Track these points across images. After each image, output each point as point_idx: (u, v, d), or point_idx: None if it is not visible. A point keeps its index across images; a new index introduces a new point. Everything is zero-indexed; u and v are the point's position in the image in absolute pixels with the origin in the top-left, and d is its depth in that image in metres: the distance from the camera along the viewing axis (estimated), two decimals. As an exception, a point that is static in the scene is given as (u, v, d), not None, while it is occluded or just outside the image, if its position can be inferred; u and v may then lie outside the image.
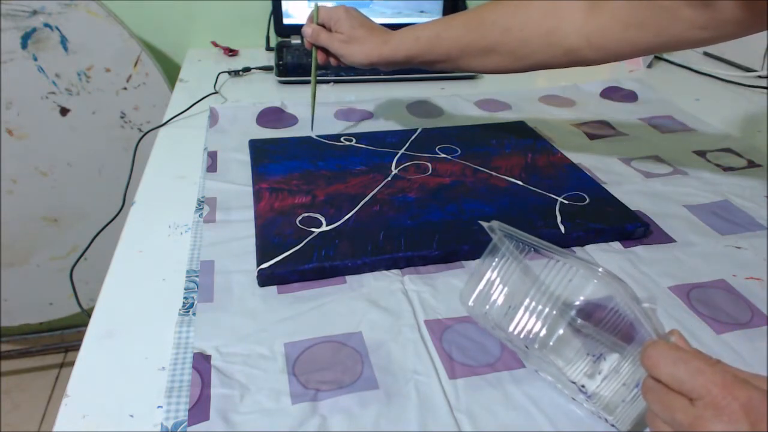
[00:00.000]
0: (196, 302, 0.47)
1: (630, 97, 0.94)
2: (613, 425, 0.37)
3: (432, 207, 0.59)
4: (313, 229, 0.54)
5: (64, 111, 1.04)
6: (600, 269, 0.37)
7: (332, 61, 0.71)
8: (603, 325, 0.38)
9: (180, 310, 0.47)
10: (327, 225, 0.55)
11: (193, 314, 0.46)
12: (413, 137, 0.74)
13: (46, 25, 0.97)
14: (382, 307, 0.47)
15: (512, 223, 0.56)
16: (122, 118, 1.07)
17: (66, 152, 1.08)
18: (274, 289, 0.49)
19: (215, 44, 1.13)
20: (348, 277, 0.51)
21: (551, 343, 0.39)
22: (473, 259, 0.53)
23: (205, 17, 1.13)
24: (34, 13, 0.96)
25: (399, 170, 0.66)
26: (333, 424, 0.37)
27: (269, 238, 0.53)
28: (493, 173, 0.66)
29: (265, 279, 0.49)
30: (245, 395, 0.39)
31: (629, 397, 0.36)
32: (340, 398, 0.39)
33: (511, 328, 0.39)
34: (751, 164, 0.73)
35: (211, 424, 0.37)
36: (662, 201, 0.63)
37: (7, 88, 1.00)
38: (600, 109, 0.90)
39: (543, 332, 0.38)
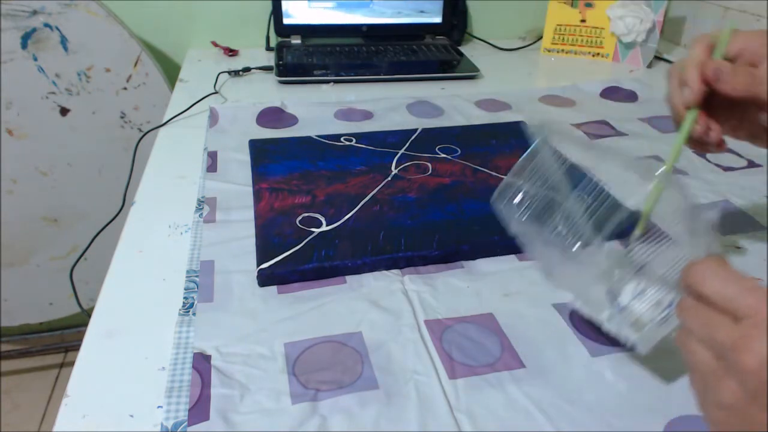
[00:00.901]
0: (196, 302, 0.47)
1: (630, 97, 0.94)
2: (632, 347, 0.36)
3: (432, 207, 0.59)
4: (313, 229, 0.54)
5: (64, 111, 1.04)
6: (660, 170, 0.33)
7: (723, 131, 0.43)
8: (651, 234, 0.35)
9: (180, 310, 0.47)
10: (327, 225, 0.55)
11: (193, 314, 0.46)
12: (413, 137, 0.74)
13: (46, 25, 0.97)
14: (382, 307, 0.47)
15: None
16: (122, 118, 1.07)
17: (66, 152, 1.08)
18: (274, 289, 0.49)
19: (215, 44, 1.13)
20: (348, 277, 0.51)
21: (595, 246, 0.35)
22: (473, 259, 0.53)
23: (205, 17, 1.14)
24: (34, 13, 0.96)
25: (399, 170, 0.66)
26: (333, 424, 0.37)
27: (269, 238, 0.53)
28: (493, 173, 0.66)
29: (265, 279, 0.49)
30: (245, 395, 0.39)
31: (659, 318, 0.34)
32: (340, 398, 0.39)
33: (549, 230, 0.36)
34: (751, 164, 0.73)
35: (211, 424, 0.37)
36: (662, 201, 0.63)
37: (7, 88, 1.00)
38: (600, 109, 0.90)
39: (585, 234, 0.35)
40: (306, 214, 0.57)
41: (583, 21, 1.13)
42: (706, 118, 0.41)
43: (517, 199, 0.39)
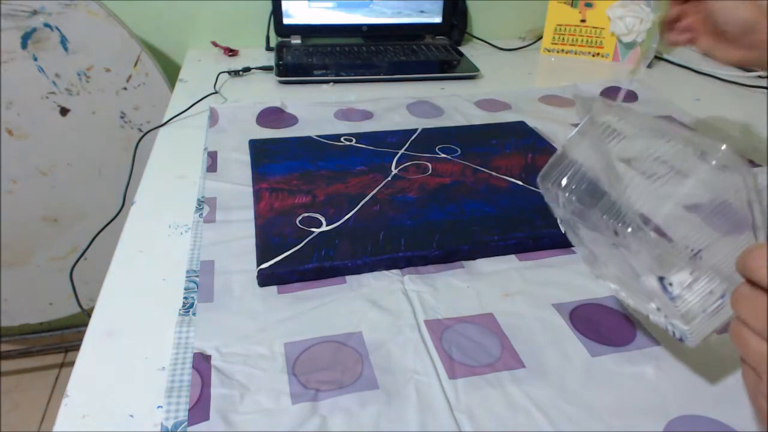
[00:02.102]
0: (196, 302, 0.47)
1: (630, 97, 0.94)
2: (681, 338, 0.35)
3: (432, 207, 0.59)
4: (313, 229, 0.54)
5: (64, 111, 1.04)
6: (723, 147, 0.31)
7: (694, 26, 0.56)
8: (710, 214, 0.33)
9: (180, 310, 0.47)
10: (327, 225, 0.55)
11: (193, 314, 0.46)
12: (413, 137, 0.74)
13: (46, 25, 0.97)
14: (382, 307, 0.47)
15: (512, 224, 0.56)
16: (122, 118, 1.07)
17: (66, 152, 1.08)
18: (274, 289, 0.49)
19: (215, 44, 1.13)
20: (348, 277, 0.51)
21: (653, 230, 0.33)
22: (473, 259, 0.53)
23: (205, 17, 1.14)
24: (34, 13, 0.96)
25: (399, 170, 0.66)
26: (333, 424, 0.37)
27: (269, 238, 0.53)
28: (493, 173, 0.66)
29: (265, 279, 0.49)
30: (245, 395, 0.39)
31: (711, 308, 0.33)
32: (340, 398, 0.39)
33: (599, 212, 0.34)
34: (752, 164, 0.73)
35: (211, 424, 0.37)
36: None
37: (7, 88, 1.00)
38: (600, 109, 0.90)
39: (635, 220, 0.33)
40: (306, 214, 0.57)
41: (583, 21, 1.13)
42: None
43: (563, 181, 0.38)
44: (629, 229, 0.33)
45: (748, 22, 0.54)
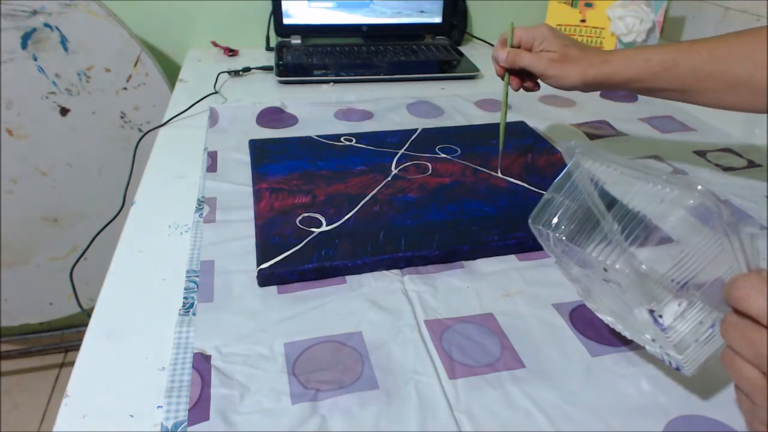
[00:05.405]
0: (196, 302, 0.47)
1: (630, 97, 0.94)
2: (677, 368, 0.36)
3: (432, 207, 0.59)
4: (313, 229, 0.54)
5: (64, 111, 1.04)
6: (699, 187, 0.32)
7: (528, 85, 0.65)
8: (692, 250, 0.34)
9: (180, 310, 0.47)
10: (327, 225, 0.55)
11: (193, 314, 0.46)
12: (413, 137, 0.74)
13: (46, 25, 0.97)
14: (382, 307, 0.47)
15: (513, 224, 0.56)
16: (122, 118, 1.07)
17: (66, 152, 1.08)
18: (274, 289, 0.49)
19: (215, 44, 1.13)
20: (348, 277, 0.51)
21: (642, 267, 0.35)
22: (473, 259, 0.53)
23: (205, 17, 1.14)
24: (34, 13, 0.96)
25: (399, 170, 0.66)
26: (333, 424, 0.37)
27: (269, 238, 0.53)
28: (493, 173, 0.66)
29: (265, 279, 0.49)
30: (245, 395, 0.39)
31: (702, 337, 0.34)
32: (340, 398, 0.39)
33: (589, 249, 0.36)
34: (751, 164, 0.73)
35: (211, 424, 0.37)
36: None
37: (7, 88, 1.00)
38: (600, 109, 0.90)
39: (624, 255, 0.34)
40: (306, 214, 0.57)
41: (583, 21, 1.13)
42: (516, 77, 0.64)
43: (554, 221, 0.40)
44: (617, 266, 0.35)
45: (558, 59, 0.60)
